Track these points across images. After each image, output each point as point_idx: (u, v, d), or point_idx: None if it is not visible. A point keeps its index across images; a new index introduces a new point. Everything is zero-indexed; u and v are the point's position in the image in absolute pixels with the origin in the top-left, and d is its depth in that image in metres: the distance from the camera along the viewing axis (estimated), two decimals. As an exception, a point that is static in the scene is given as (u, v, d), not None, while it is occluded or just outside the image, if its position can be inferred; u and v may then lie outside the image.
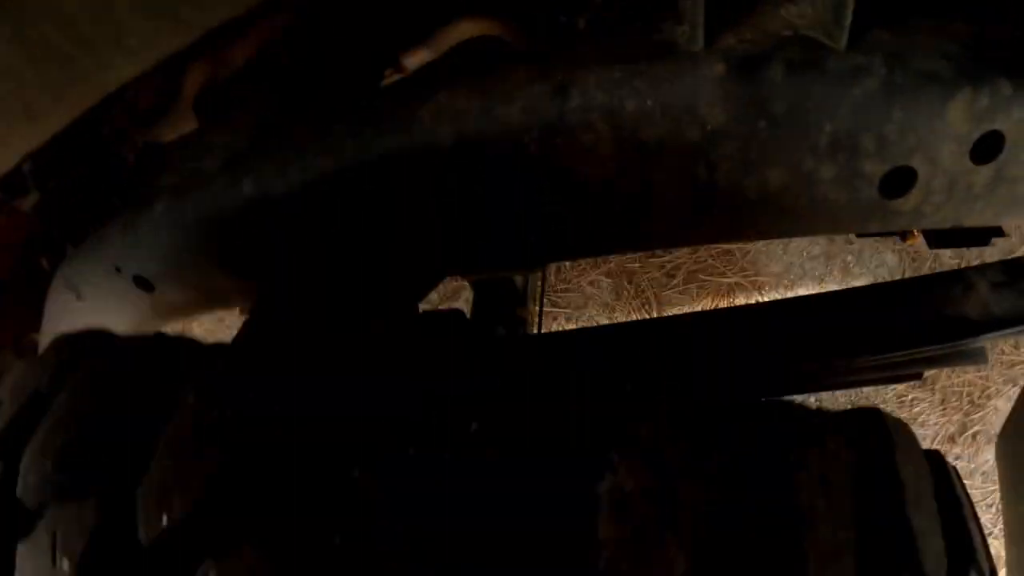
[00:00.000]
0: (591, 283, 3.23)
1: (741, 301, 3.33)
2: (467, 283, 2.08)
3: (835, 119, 0.83)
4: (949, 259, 3.00)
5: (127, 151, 1.19)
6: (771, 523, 0.70)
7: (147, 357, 0.87)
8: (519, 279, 1.57)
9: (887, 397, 3.14)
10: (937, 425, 3.09)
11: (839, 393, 2.98)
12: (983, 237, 1.09)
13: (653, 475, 0.65)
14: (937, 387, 3.10)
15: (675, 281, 3.25)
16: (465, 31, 1.83)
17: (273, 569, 0.62)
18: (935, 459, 1.03)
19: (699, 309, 3.36)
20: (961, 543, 0.92)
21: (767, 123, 0.84)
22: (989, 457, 3.03)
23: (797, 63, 0.82)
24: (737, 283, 3.36)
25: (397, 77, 1.91)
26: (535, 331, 2.18)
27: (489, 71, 0.93)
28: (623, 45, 0.88)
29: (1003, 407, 3.06)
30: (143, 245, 1.10)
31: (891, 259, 3.15)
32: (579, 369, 1.02)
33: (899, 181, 0.88)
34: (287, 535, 0.63)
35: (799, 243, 3.17)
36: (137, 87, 1.06)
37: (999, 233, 1.09)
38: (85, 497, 0.70)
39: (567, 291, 3.25)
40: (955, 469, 1.06)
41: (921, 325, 1.43)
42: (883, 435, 0.91)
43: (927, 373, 1.52)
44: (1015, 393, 3.08)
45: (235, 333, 0.93)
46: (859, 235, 1.93)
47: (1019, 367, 3.08)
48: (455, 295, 3.06)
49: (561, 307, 3.37)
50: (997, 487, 2.93)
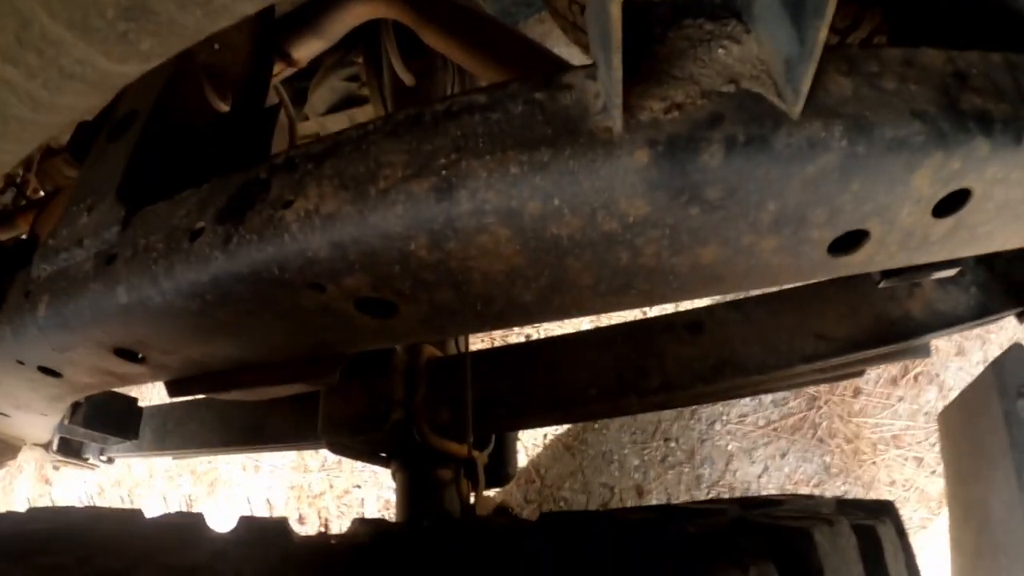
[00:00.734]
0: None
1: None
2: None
3: (782, 198, 0.71)
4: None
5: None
6: None
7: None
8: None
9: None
10: (880, 368, 3.11)
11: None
12: (936, 269, 1.01)
13: None
14: (881, 331, 3.12)
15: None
16: (357, 15, 1.67)
17: None
18: (871, 541, 1.02)
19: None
20: None
21: (700, 209, 0.71)
22: (931, 397, 3.07)
23: (739, 142, 0.68)
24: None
25: (289, 71, 1.77)
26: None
27: (361, 152, 0.79)
28: (520, 119, 0.74)
29: (944, 347, 3.08)
30: (35, 344, 1.04)
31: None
32: None
33: (850, 241, 0.79)
34: None
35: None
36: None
37: (953, 264, 0.99)
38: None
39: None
40: (897, 535, 1.06)
41: (863, 329, 1.40)
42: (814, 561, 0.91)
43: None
44: (955, 333, 3.09)
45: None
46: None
47: (961, 309, 3.10)
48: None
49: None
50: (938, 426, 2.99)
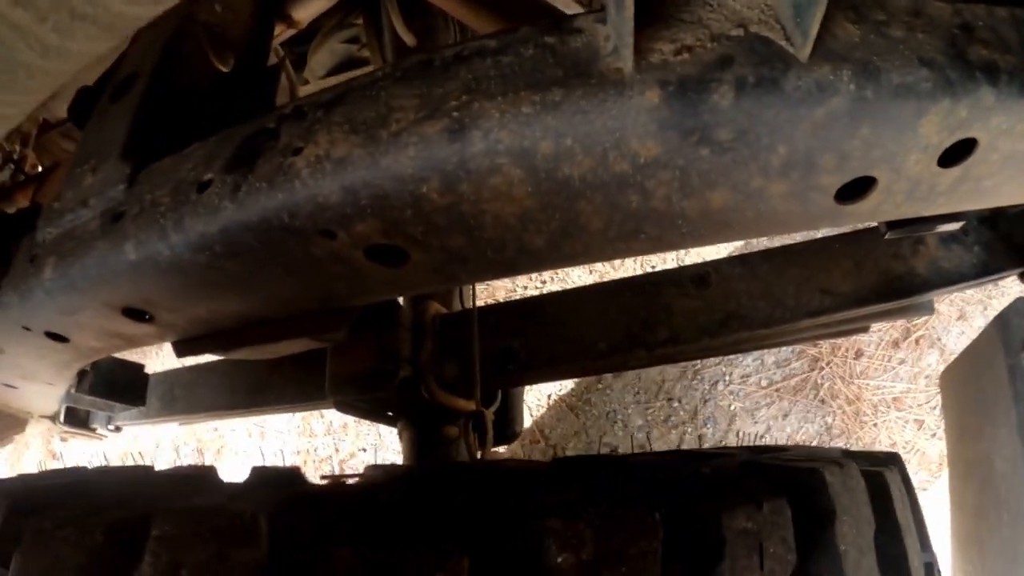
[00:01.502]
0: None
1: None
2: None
3: (792, 141, 0.72)
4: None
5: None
6: None
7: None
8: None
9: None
10: (882, 331, 3.12)
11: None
12: (940, 222, 1.02)
13: None
14: (883, 294, 3.14)
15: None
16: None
17: None
18: (879, 486, 1.03)
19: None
20: (899, 570, 0.97)
21: (710, 151, 0.72)
22: (932, 361, 3.08)
23: (749, 83, 0.69)
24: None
25: (289, 33, 1.75)
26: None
27: (371, 98, 0.79)
28: (531, 62, 0.74)
29: (945, 311, 3.09)
30: (42, 308, 1.04)
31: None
32: None
33: (857, 189, 0.80)
34: None
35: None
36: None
37: (957, 218, 0.99)
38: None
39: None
40: (903, 484, 1.07)
41: (868, 285, 1.41)
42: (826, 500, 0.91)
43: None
44: (957, 297, 3.11)
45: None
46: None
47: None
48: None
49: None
50: (939, 390, 3.00)
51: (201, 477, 1.08)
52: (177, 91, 1.15)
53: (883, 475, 1.05)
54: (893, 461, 1.11)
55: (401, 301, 1.54)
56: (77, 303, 1.01)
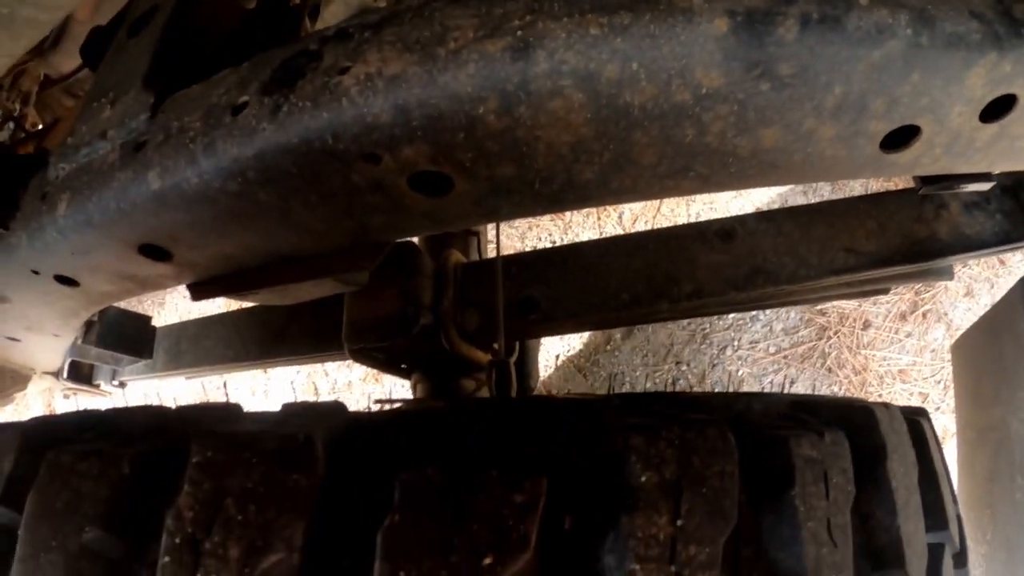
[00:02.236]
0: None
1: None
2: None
3: (848, 82, 0.73)
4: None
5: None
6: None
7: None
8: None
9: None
10: (889, 303, 3.12)
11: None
12: (972, 180, 1.03)
13: None
14: (891, 267, 3.15)
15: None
16: None
17: None
18: (916, 428, 1.03)
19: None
20: (937, 515, 0.98)
21: (771, 86, 0.72)
22: (938, 335, 3.09)
23: (813, 19, 0.70)
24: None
25: None
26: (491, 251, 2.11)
27: (424, 18, 0.76)
28: None
29: (952, 287, 3.10)
30: (54, 248, 1.00)
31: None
32: None
33: (901, 137, 0.82)
34: None
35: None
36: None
37: (988, 178, 1.03)
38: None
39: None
40: (931, 432, 1.07)
41: (891, 246, 1.41)
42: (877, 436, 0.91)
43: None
44: (964, 273, 3.11)
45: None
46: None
47: (972, 249, 3.13)
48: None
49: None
50: (944, 364, 3.02)
51: (233, 409, 1.05)
52: (199, 25, 1.11)
53: (920, 422, 1.05)
54: (923, 414, 1.11)
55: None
56: (92, 241, 0.97)
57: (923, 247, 1.42)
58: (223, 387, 4.11)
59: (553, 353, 3.43)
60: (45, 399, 4.20)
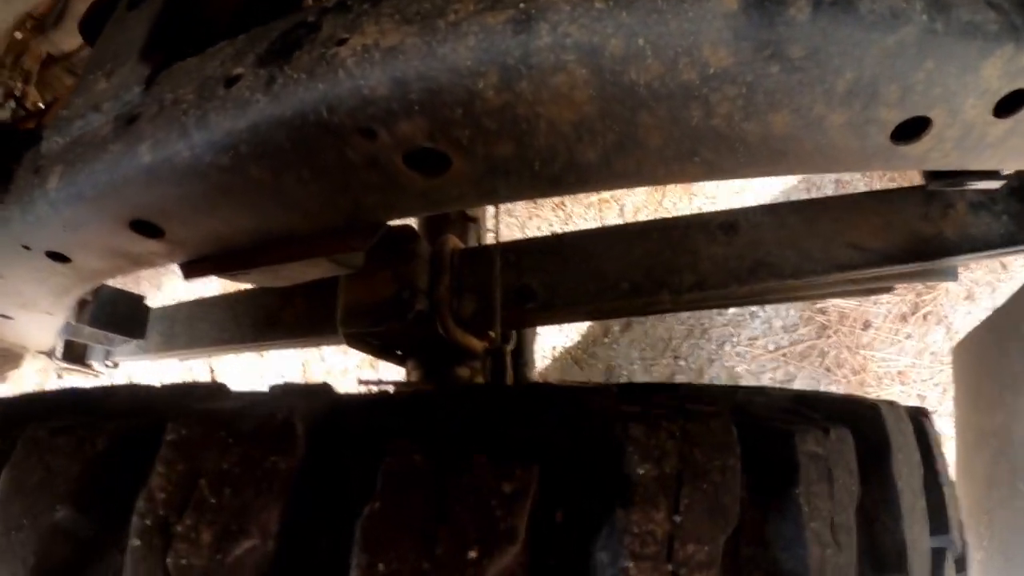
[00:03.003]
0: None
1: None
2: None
3: (860, 67, 0.70)
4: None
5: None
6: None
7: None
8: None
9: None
10: (890, 304, 3.10)
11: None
12: (981, 178, 1.01)
13: None
14: (894, 267, 3.14)
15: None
16: None
17: None
18: (920, 428, 1.01)
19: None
20: (940, 518, 0.95)
21: (780, 68, 0.69)
22: (938, 337, 3.07)
23: (826, 1, 0.68)
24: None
25: None
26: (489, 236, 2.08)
27: None
28: None
29: (954, 289, 3.08)
30: (45, 223, 0.98)
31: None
32: None
33: (912, 128, 0.79)
34: None
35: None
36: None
37: (997, 176, 1.03)
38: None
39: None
40: (935, 433, 1.05)
41: (896, 244, 1.39)
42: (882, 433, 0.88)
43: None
44: (966, 276, 3.10)
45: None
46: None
47: (973, 252, 3.13)
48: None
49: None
50: (943, 367, 3.01)
51: (216, 388, 1.02)
52: None
53: (924, 422, 1.03)
54: (926, 414, 1.09)
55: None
56: (84, 216, 0.95)
57: (929, 246, 1.40)
58: (218, 368, 4.09)
59: (550, 344, 3.41)
60: (39, 379, 4.18)
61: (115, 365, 2.21)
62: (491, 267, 1.39)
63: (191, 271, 1.10)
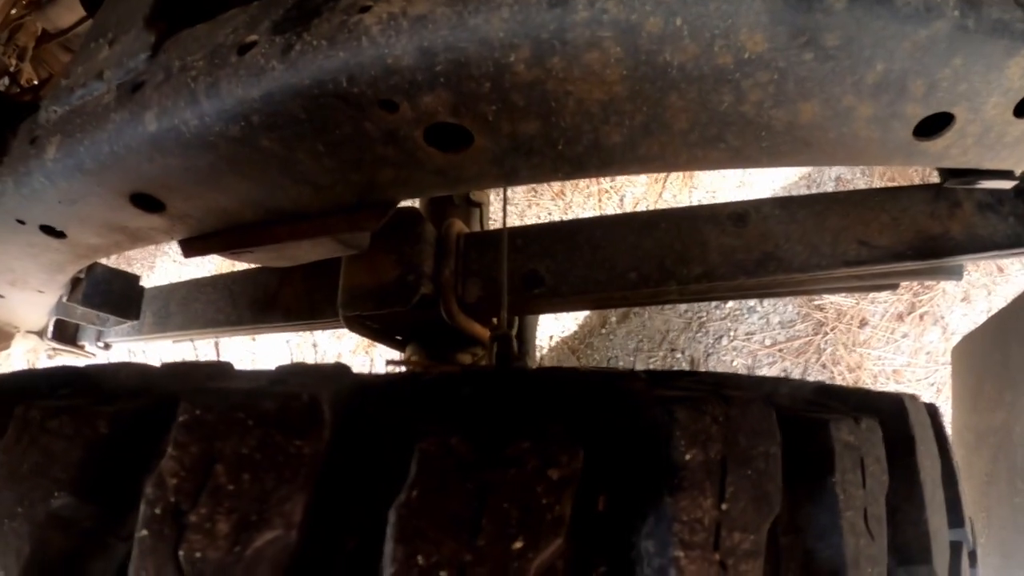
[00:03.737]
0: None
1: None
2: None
3: (891, 59, 0.71)
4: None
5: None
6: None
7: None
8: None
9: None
10: (887, 303, 3.11)
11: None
12: (995, 177, 1.01)
13: None
14: (891, 266, 3.15)
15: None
16: None
17: None
18: (936, 422, 1.00)
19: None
20: (956, 512, 0.94)
21: (814, 56, 0.69)
22: (933, 338, 3.08)
23: None
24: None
25: None
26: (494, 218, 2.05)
27: None
28: None
29: (951, 290, 3.09)
30: (41, 196, 0.94)
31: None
32: None
33: (935, 124, 0.81)
34: None
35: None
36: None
37: (1011, 176, 1.02)
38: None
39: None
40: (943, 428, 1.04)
41: (904, 241, 1.38)
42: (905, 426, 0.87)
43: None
44: (964, 278, 3.10)
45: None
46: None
47: (972, 253, 3.14)
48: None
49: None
50: (938, 367, 3.02)
51: (224, 367, 0.98)
52: None
53: (938, 417, 1.02)
54: (936, 409, 1.08)
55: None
56: (82, 188, 0.92)
57: (936, 244, 1.39)
58: (204, 354, 4.06)
59: (547, 334, 3.39)
60: (30, 359, 4.14)
61: (107, 346, 2.18)
62: (497, 252, 1.37)
63: (191, 249, 1.07)
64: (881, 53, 0.70)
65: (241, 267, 1.66)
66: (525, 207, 3.57)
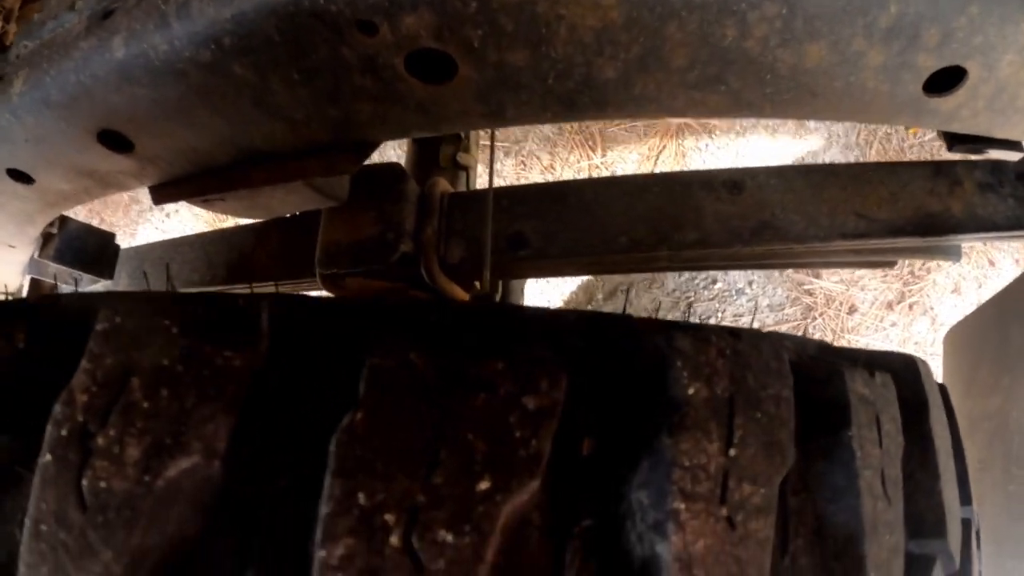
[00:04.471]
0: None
1: (691, 142, 3.22)
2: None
3: (906, 1, 0.66)
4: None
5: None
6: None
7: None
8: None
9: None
10: (877, 291, 3.08)
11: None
12: (1002, 147, 0.98)
13: None
14: (882, 254, 3.14)
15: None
16: None
17: None
18: (946, 395, 0.95)
19: (645, 148, 3.24)
20: (965, 488, 0.89)
21: None
22: (922, 328, 3.07)
23: None
24: (687, 124, 3.21)
25: None
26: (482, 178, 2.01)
27: None
28: None
29: (941, 281, 3.07)
30: (7, 135, 0.89)
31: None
32: None
33: (946, 80, 0.76)
34: None
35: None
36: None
37: (1018, 148, 0.99)
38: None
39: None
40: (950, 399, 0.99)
41: (903, 216, 1.36)
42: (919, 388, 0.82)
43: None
44: (953, 270, 3.08)
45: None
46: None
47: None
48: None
49: (499, 141, 3.19)
50: (927, 358, 3.00)
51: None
52: None
53: (946, 389, 0.97)
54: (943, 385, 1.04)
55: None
56: (49, 125, 0.87)
57: (935, 221, 1.36)
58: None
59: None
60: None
61: (82, 306, 2.12)
62: (483, 211, 1.32)
63: (161, 195, 1.02)
64: None
65: (219, 225, 1.61)
66: (514, 180, 3.51)
